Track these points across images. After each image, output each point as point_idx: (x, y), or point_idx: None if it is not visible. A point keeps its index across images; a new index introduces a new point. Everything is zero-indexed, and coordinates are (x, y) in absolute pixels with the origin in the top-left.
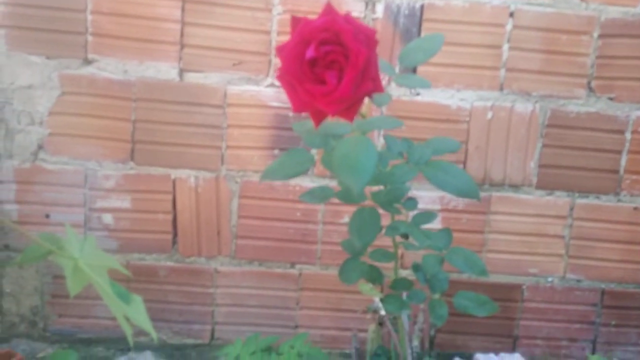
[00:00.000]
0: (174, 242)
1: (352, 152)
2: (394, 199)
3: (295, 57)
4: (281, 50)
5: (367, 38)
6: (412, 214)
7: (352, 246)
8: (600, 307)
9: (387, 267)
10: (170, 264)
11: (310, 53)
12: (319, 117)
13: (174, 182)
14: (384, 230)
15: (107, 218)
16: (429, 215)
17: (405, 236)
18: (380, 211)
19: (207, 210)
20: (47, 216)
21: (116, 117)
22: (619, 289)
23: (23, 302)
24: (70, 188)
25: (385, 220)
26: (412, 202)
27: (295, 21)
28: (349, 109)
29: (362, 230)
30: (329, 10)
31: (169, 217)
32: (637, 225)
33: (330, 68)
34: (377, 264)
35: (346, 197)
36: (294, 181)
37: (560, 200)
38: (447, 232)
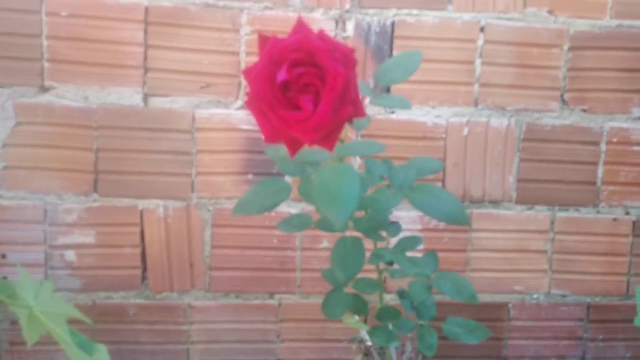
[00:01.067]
0: (144, 277)
1: (332, 181)
2: (378, 225)
3: (266, 81)
4: (249, 73)
5: (344, 57)
6: (395, 238)
7: (335, 278)
8: (586, 322)
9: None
10: (140, 301)
11: (282, 76)
12: (294, 147)
13: (141, 213)
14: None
15: (70, 255)
16: (414, 240)
17: (390, 263)
18: (362, 236)
19: (179, 241)
20: (4, 256)
21: (77, 147)
22: (604, 302)
23: None
24: (29, 225)
25: (368, 245)
26: (395, 227)
27: (263, 40)
28: (328, 137)
29: (346, 262)
30: (300, 27)
31: (138, 251)
32: (617, 236)
33: (304, 92)
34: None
35: (326, 226)
36: None
37: (540, 214)
38: (433, 256)
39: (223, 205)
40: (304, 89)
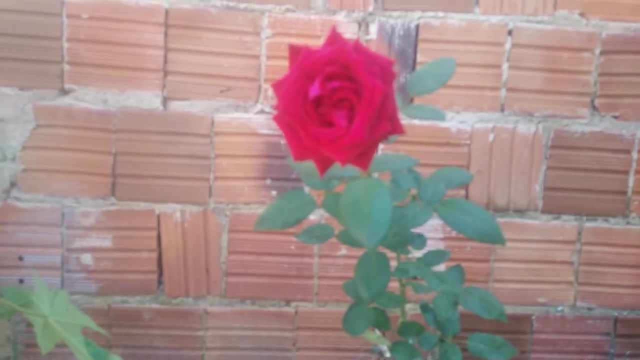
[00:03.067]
0: (160, 282)
1: (363, 199)
2: (404, 241)
3: (297, 95)
4: (279, 86)
5: (382, 70)
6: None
7: (356, 291)
8: (613, 336)
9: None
10: (155, 306)
11: (314, 90)
12: (325, 165)
13: (158, 217)
14: None
15: (86, 258)
16: (440, 255)
17: (413, 276)
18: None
19: (195, 246)
20: (21, 258)
21: (95, 150)
22: (632, 316)
23: None
24: (46, 227)
25: (390, 254)
26: (421, 240)
27: (294, 51)
28: (363, 156)
29: (371, 279)
30: (335, 37)
31: (154, 255)
32: None
33: (338, 107)
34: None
35: (349, 239)
36: None
37: (567, 224)
38: (458, 270)
39: (240, 210)
40: (338, 104)
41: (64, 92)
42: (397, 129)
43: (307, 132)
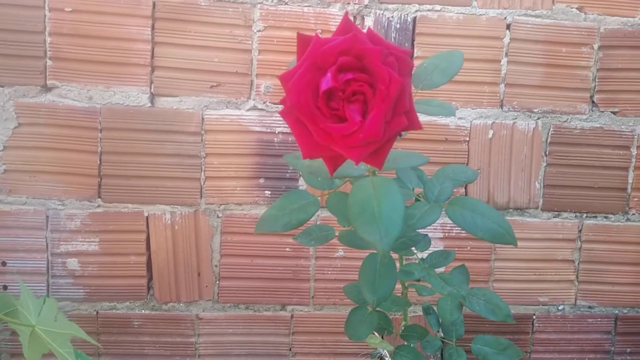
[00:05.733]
0: (149, 287)
1: (372, 199)
2: (410, 242)
3: (307, 88)
4: (287, 78)
5: (398, 61)
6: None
7: (358, 295)
8: (614, 334)
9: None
10: (145, 311)
11: (326, 83)
12: (335, 163)
13: (147, 219)
14: None
15: (73, 263)
16: (445, 255)
17: (418, 278)
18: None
19: (186, 249)
20: (4, 264)
21: (80, 149)
22: (632, 314)
23: None
24: (30, 231)
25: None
26: (425, 241)
27: (303, 40)
28: (378, 153)
29: (377, 283)
30: (347, 25)
31: (143, 259)
32: None
33: (351, 101)
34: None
35: (354, 240)
36: None
37: (567, 222)
38: (463, 271)
39: (233, 211)
40: (351, 97)
41: (47, 88)
42: (413, 124)
43: (318, 127)
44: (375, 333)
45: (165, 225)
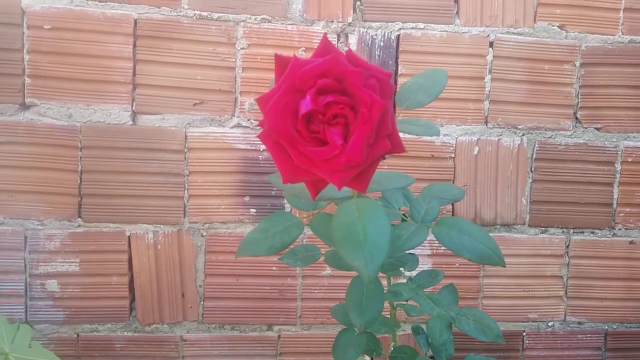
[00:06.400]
0: (132, 308)
1: (357, 222)
2: (397, 263)
3: (285, 111)
4: (265, 101)
5: (380, 83)
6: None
7: (346, 316)
8: (604, 350)
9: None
10: (127, 334)
11: (306, 106)
12: (317, 187)
13: (129, 239)
14: None
15: (52, 285)
16: (433, 275)
17: (406, 299)
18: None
19: (169, 269)
20: None
21: (60, 168)
22: (622, 329)
23: None
24: (7, 252)
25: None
26: (413, 260)
27: (282, 61)
28: (361, 177)
29: (364, 306)
30: (326, 46)
31: (125, 279)
32: (634, 260)
33: (332, 124)
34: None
35: (340, 262)
36: None
37: (555, 237)
38: (451, 290)
39: (217, 230)
40: (332, 120)
41: (25, 106)
42: (397, 147)
43: (298, 151)
44: (365, 355)
45: (148, 244)
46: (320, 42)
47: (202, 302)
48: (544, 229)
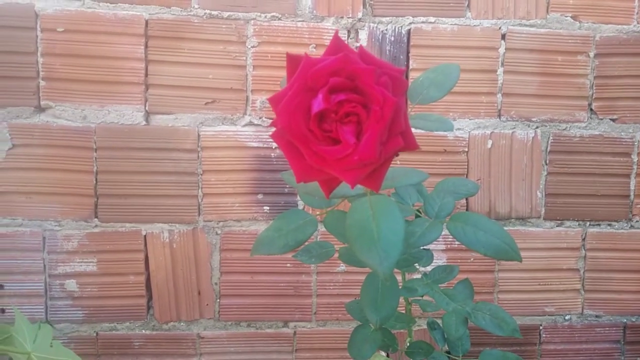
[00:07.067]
0: (149, 306)
1: (370, 220)
2: (412, 259)
3: (298, 110)
4: (277, 100)
5: (392, 80)
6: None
7: (361, 312)
8: (622, 343)
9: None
10: (145, 332)
11: (318, 105)
12: (331, 186)
13: (145, 238)
14: None
15: (71, 284)
16: (448, 270)
17: (421, 295)
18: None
19: (185, 267)
20: (1, 287)
21: (76, 169)
22: None
23: None
24: (27, 253)
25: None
26: (428, 256)
27: (293, 61)
28: (374, 175)
29: (379, 303)
30: (338, 44)
31: (142, 278)
32: None
33: (344, 123)
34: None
35: (354, 259)
36: None
37: (571, 230)
38: (467, 285)
39: (231, 228)
40: (344, 119)
41: (40, 109)
42: (410, 144)
43: (311, 150)
44: (380, 351)
45: (164, 243)
46: (331, 40)
47: (218, 300)
48: (559, 222)
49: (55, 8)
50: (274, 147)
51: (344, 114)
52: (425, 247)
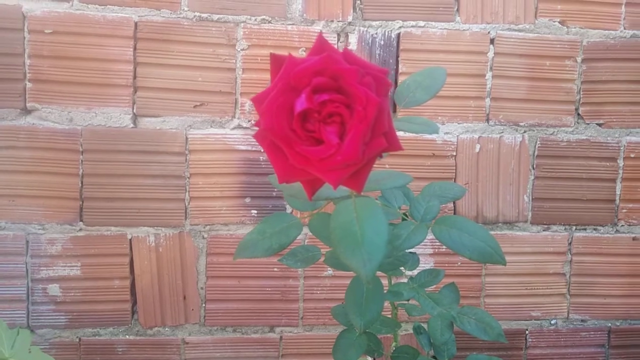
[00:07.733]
0: (133, 311)
1: (354, 222)
2: (398, 262)
3: (281, 110)
4: (260, 100)
5: (375, 81)
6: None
7: (347, 317)
8: (607, 347)
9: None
10: (129, 337)
11: (301, 104)
12: (314, 186)
13: (130, 242)
14: None
15: (54, 289)
16: (434, 274)
17: (407, 299)
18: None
19: (171, 272)
20: None
21: (61, 172)
22: (625, 326)
23: None
24: (9, 257)
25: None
26: (414, 260)
27: (277, 61)
28: (357, 176)
29: (363, 307)
30: (321, 45)
31: (127, 283)
32: (637, 256)
33: (327, 123)
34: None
35: (339, 262)
36: None
37: (557, 235)
38: (453, 289)
39: (218, 232)
40: (327, 119)
41: (26, 111)
42: (393, 145)
43: (294, 151)
44: (366, 356)
45: (149, 247)
46: (315, 41)
47: (203, 305)
48: (546, 226)
49: (43, 9)
50: (262, 151)
51: (327, 114)
52: (411, 250)
